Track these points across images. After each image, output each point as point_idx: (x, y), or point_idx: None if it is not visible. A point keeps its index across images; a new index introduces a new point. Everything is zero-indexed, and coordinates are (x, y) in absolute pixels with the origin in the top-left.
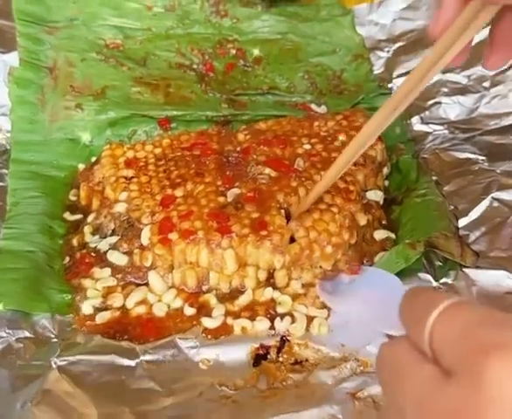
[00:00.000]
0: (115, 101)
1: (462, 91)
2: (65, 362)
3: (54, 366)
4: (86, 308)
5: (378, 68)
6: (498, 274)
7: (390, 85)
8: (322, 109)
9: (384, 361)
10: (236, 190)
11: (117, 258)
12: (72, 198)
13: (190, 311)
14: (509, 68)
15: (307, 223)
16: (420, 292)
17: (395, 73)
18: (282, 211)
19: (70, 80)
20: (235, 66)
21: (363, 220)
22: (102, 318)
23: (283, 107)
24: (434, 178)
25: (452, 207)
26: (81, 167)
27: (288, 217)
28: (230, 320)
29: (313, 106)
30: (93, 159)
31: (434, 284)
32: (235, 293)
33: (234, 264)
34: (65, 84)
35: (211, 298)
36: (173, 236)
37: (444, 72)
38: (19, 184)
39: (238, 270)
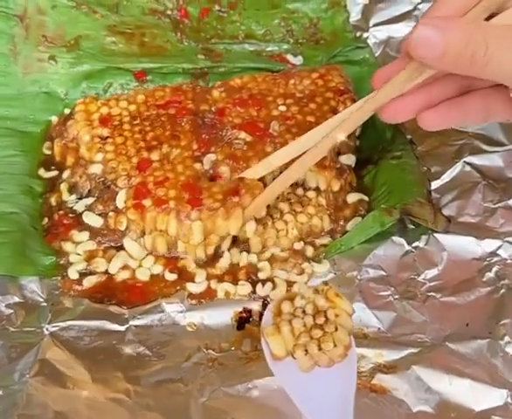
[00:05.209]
0: (90, 53)
1: None
2: (56, 328)
3: (46, 332)
4: (72, 273)
5: (355, 15)
6: (467, 240)
7: (366, 35)
8: (299, 60)
9: None
10: (211, 156)
11: (92, 220)
12: (46, 152)
13: (171, 276)
14: None
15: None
16: None
17: (371, 22)
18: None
19: (42, 30)
20: (210, 11)
21: (336, 186)
22: (89, 282)
23: (260, 58)
24: (408, 137)
25: (425, 168)
26: (55, 119)
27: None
28: (213, 284)
29: (289, 57)
30: (67, 111)
31: (407, 247)
32: (212, 257)
33: (200, 236)
34: (37, 33)
35: (190, 263)
36: (146, 202)
37: None
38: None
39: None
